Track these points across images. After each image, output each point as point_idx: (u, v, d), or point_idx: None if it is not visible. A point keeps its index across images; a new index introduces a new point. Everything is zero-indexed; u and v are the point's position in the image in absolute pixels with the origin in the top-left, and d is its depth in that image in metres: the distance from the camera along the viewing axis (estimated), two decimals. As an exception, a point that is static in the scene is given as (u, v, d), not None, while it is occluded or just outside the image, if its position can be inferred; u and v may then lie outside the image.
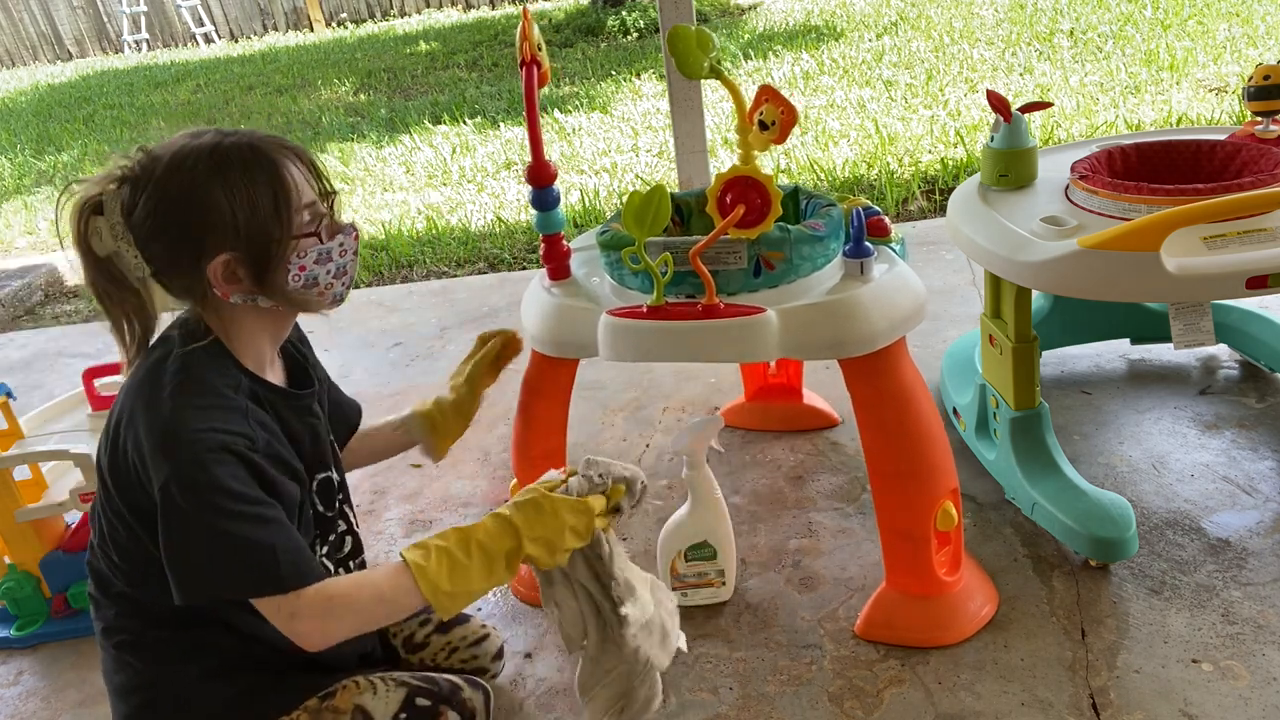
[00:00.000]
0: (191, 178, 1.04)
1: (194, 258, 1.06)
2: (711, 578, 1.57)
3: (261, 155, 1.07)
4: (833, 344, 1.34)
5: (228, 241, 1.05)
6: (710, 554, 1.55)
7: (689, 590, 1.57)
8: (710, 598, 1.58)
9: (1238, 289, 1.31)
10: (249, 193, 1.05)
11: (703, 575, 1.57)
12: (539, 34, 1.45)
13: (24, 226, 4.91)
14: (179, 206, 1.04)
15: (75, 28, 11.24)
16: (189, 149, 1.06)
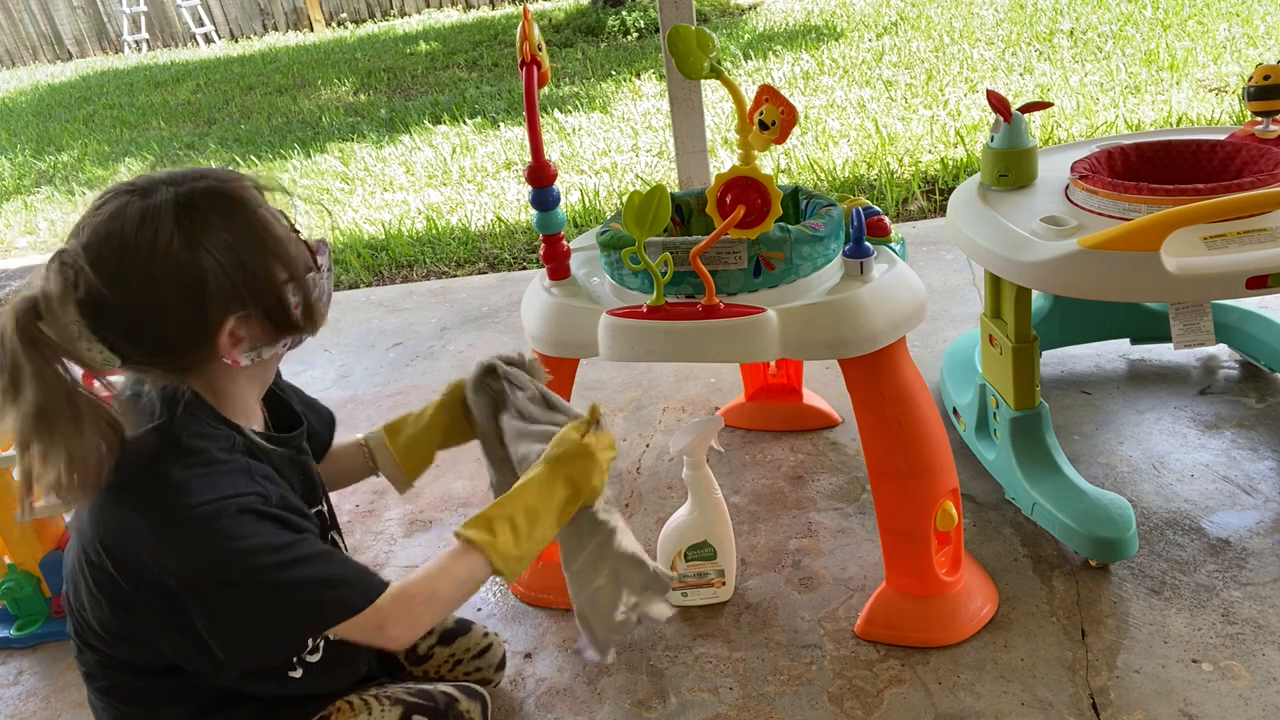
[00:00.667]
0: (169, 251, 0.92)
1: (197, 333, 0.96)
2: (711, 578, 1.57)
3: (231, 199, 0.97)
4: (833, 344, 1.34)
5: (229, 306, 0.96)
6: (710, 554, 1.55)
7: (689, 590, 1.57)
8: (710, 598, 1.58)
9: (1238, 289, 1.31)
10: (236, 246, 0.95)
11: (703, 575, 1.56)
12: (539, 34, 1.45)
13: (24, 226, 4.91)
14: (168, 285, 0.92)
15: (75, 28, 11.25)
16: (149, 216, 0.92)
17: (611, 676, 1.47)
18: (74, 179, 5.68)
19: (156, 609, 0.97)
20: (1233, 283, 1.31)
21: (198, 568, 0.94)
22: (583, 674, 1.48)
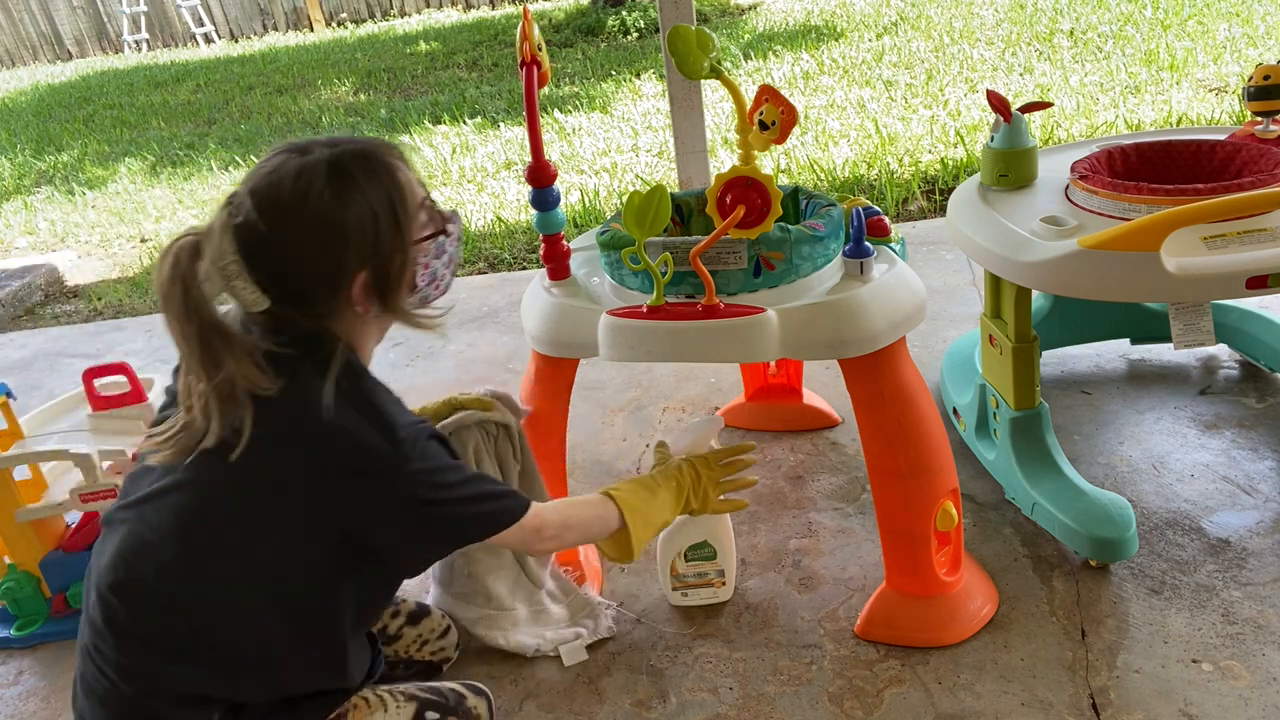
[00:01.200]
0: (321, 203, 1.02)
1: (334, 282, 1.05)
2: (712, 578, 1.57)
3: (378, 163, 1.07)
4: (833, 344, 1.34)
5: (365, 258, 1.05)
6: (710, 554, 1.55)
7: (689, 590, 1.57)
8: (710, 598, 1.58)
9: (1238, 289, 1.31)
10: (374, 206, 1.05)
11: (703, 575, 1.56)
12: (539, 34, 1.45)
13: (24, 226, 4.91)
14: (316, 234, 1.03)
15: (75, 28, 11.24)
16: (305, 172, 1.03)
17: (611, 676, 1.47)
18: (74, 179, 5.68)
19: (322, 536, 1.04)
20: (1233, 283, 1.31)
21: (400, 487, 1.04)
22: (583, 674, 1.48)
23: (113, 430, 1.76)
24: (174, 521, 1.04)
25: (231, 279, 1.01)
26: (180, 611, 1.04)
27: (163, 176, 5.46)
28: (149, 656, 1.05)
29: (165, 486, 1.06)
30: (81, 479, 1.63)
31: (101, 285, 3.87)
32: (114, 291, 3.75)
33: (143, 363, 2.96)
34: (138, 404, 1.77)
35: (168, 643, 1.05)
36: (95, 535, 1.72)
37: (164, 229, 4.51)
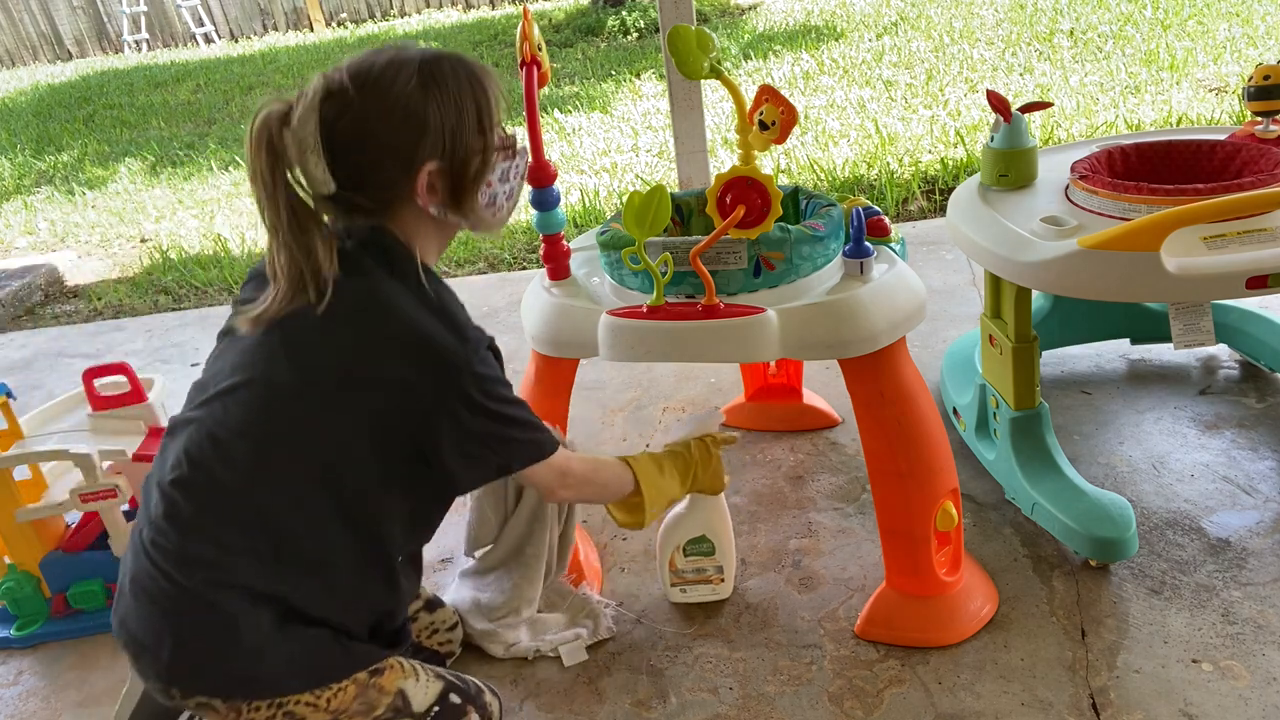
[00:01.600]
0: (406, 88, 1.06)
1: (403, 166, 1.08)
2: (710, 574, 1.56)
3: (469, 69, 1.11)
4: (833, 344, 1.34)
5: (437, 151, 1.08)
6: (709, 549, 1.54)
7: (687, 586, 1.57)
8: (709, 594, 1.58)
9: (1238, 289, 1.31)
10: (460, 105, 1.09)
11: (701, 571, 1.56)
12: (539, 34, 1.45)
13: (24, 226, 4.91)
14: (394, 115, 1.06)
15: (75, 28, 11.24)
16: (398, 61, 1.08)
17: (611, 676, 1.47)
18: (74, 179, 5.68)
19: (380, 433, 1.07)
20: (1233, 283, 1.31)
21: (463, 386, 1.07)
22: (583, 674, 1.48)
23: (113, 430, 1.76)
24: (243, 417, 1.08)
25: (306, 151, 1.04)
26: (245, 506, 1.07)
27: (163, 176, 5.46)
28: (211, 548, 1.06)
29: (235, 384, 1.09)
30: (81, 479, 1.63)
31: (101, 285, 3.87)
32: (114, 291, 3.75)
33: (143, 363, 2.96)
34: (138, 404, 1.78)
35: (231, 536, 1.07)
36: (95, 535, 1.73)
37: (164, 229, 4.51)
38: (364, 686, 1.15)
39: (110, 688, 1.59)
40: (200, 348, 3.02)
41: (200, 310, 3.42)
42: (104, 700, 1.57)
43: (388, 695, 1.16)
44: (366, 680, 1.15)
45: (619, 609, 1.60)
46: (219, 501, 1.07)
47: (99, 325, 3.41)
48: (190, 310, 3.44)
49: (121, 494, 1.63)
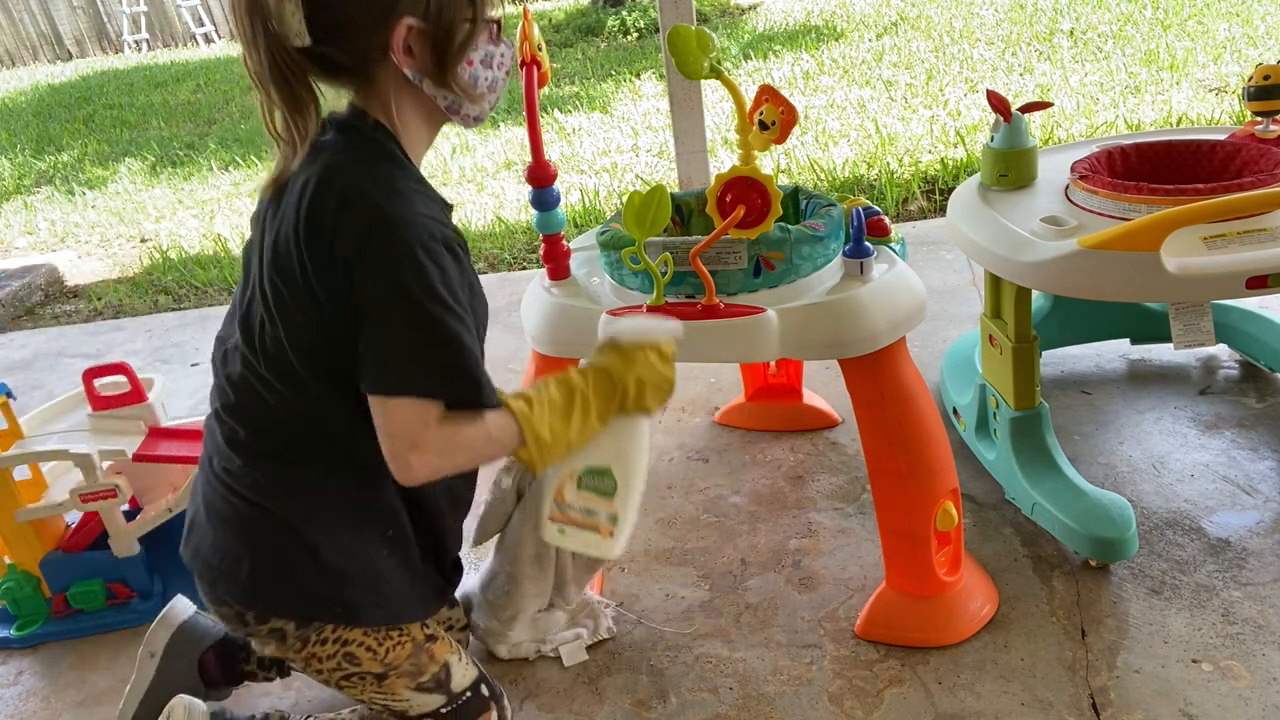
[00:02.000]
0: None
1: (379, 16, 1.03)
2: (600, 521, 1.25)
3: None
4: (833, 344, 1.34)
5: (418, 8, 1.03)
6: (609, 488, 1.25)
7: (568, 528, 1.26)
8: (589, 547, 1.26)
9: (1238, 289, 1.31)
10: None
11: (590, 514, 1.25)
12: (539, 34, 1.45)
13: (24, 226, 4.91)
14: None
15: (75, 28, 11.24)
16: None
17: (611, 676, 1.47)
18: (74, 179, 5.68)
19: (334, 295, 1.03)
20: (1233, 283, 1.31)
21: (386, 267, 1.00)
22: (583, 674, 1.48)
23: (113, 430, 1.76)
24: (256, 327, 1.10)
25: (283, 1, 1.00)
26: (292, 419, 1.10)
27: (163, 176, 5.46)
28: (275, 465, 1.11)
29: (243, 291, 1.13)
30: (81, 479, 1.63)
31: (101, 285, 3.87)
32: (114, 291, 3.75)
33: (143, 363, 2.96)
34: (138, 404, 1.78)
35: (288, 450, 1.11)
36: (95, 535, 1.73)
37: (164, 229, 4.51)
38: (419, 647, 1.20)
39: (110, 687, 1.59)
40: (200, 348, 3.02)
41: (200, 310, 3.42)
42: (104, 700, 1.57)
43: (435, 664, 1.22)
44: (422, 640, 1.20)
45: (619, 609, 1.60)
46: (267, 418, 1.10)
47: (99, 325, 3.41)
48: (190, 310, 3.44)
49: (121, 494, 1.63)
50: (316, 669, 1.18)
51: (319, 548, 1.11)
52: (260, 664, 1.44)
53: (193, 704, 1.31)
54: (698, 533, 1.77)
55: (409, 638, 1.20)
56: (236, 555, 1.12)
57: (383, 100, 1.08)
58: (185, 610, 1.44)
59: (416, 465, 1.03)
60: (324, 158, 1.06)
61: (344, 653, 1.16)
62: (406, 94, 1.09)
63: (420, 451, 1.02)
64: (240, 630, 1.16)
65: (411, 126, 1.11)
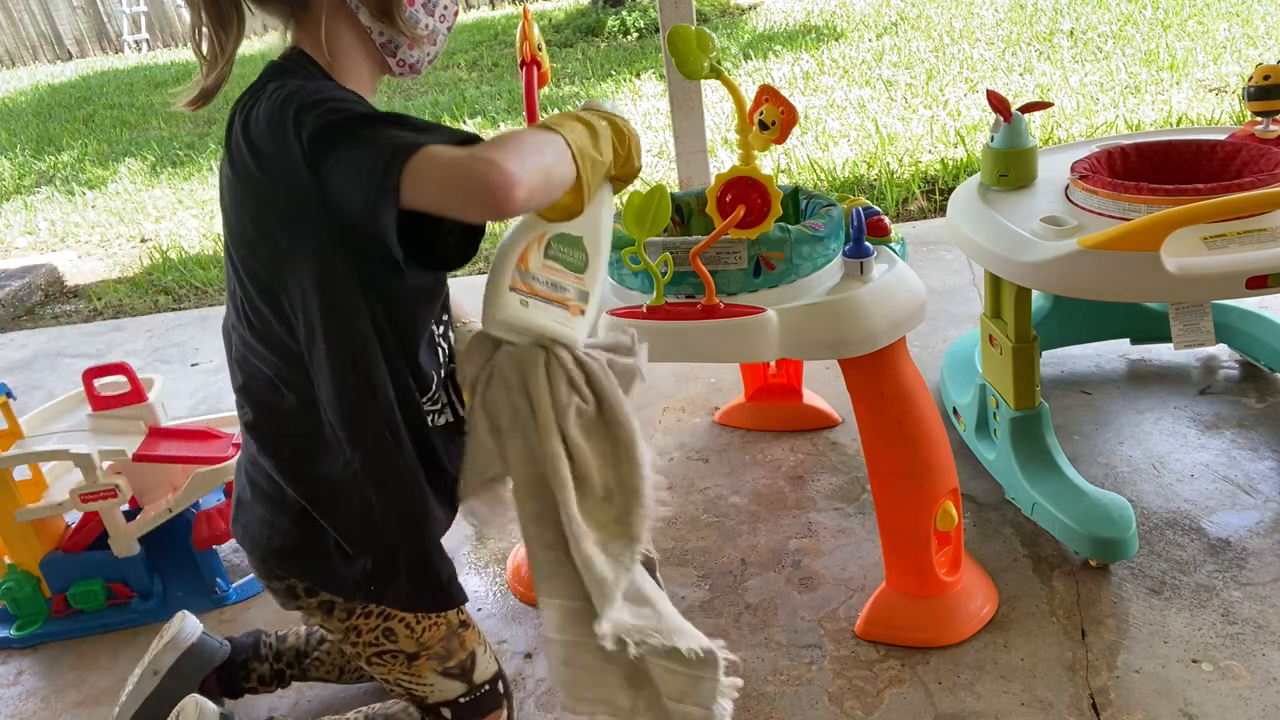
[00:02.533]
0: None
1: None
2: (567, 295, 1.12)
3: None
4: (833, 344, 1.34)
5: None
6: (578, 262, 1.13)
7: (531, 299, 1.10)
8: (554, 321, 1.11)
9: (1238, 289, 1.31)
10: None
11: (557, 288, 1.12)
12: (539, 34, 1.45)
13: (24, 226, 4.91)
14: None
15: (75, 28, 11.24)
16: None
17: (611, 676, 1.47)
18: (74, 179, 5.68)
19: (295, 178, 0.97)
20: (1233, 283, 1.31)
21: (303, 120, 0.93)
22: (583, 674, 1.48)
23: (113, 430, 1.76)
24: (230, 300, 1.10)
25: None
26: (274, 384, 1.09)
27: (163, 176, 5.46)
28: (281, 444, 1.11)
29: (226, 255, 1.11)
30: (81, 479, 1.63)
31: (101, 285, 3.87)
32: (114, 291, 3.75)
33: (143, 363, 2.96)
34: (138, 404, 1.78)
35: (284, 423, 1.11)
36: (95, 535, 1.73)
37: (164, 229, 4.51)
38: (453, 630, 1.22)
39: (110, 687, 1.59)
40: (200, 347, 3.02)
41: (200, 310, 3.42)
42: (104, 700, 1.57)
43: (464, 651, 1.24)
44: (455, 625, 1.23)
45: None
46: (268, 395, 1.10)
47: (99, 325, 3.41)
48: (190, 310, 3.44)
49: (121, 494, 1.63)
50: (353, 641, 1.20)
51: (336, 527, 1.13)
52: (261, 680, 1.44)
53: (204, 704, 1.32)
54: (698, 533, 1.77)
55: (444, 620, 1.22)
56: (280, 530, 1.14)
57: (317, 32, 1.05)
58: (193, 632, 1.43)
59: (499, 162, 0.87)
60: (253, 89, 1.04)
61: (384, 628, 1.19)
62: (343, 25, 1.06)
63: (488, 159, 0.87)
64: (291, 604, 1.19)
65: (348, 66, 1.07)
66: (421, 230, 0.99)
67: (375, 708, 1.31)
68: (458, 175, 0.88)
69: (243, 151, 1.00)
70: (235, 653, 1.44)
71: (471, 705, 1.26)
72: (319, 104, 0.95)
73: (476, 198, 0.88)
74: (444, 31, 1.12)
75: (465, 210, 0.90)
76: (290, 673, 1.45)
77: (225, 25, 1.06)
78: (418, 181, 0.88)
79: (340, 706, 1.46)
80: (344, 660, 1.44)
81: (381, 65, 1.11)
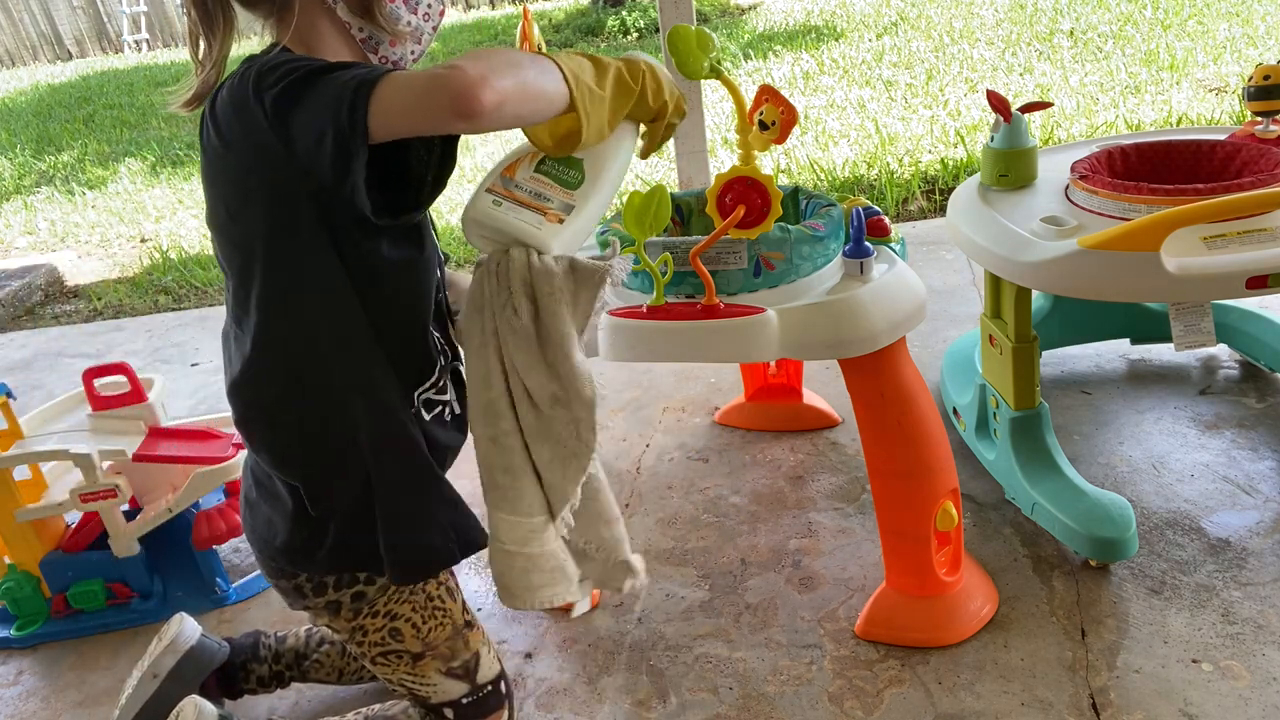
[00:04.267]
0: None
1: None
2: (550, 205, 1.05)
3: None
4: (833, 344, 1.34)
5: None
6: (573, 180, 1.07)
7: (506, 202, 1.04)
8: (527, 227, 1.04)
9: (1238, 289, 1.31)
10: None
11: (541, 197, 1.05)
12: (539, 34, 1.45)
13: (24, 226, 4.91)
14: None
15: (75, 28, 11.24)
16: None
17: (611, 676, 1.47)
18: (74, 179, 5.67)
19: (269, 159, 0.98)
20: (1233, 283, 1.31)
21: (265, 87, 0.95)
22: (583, 674, 1.48)
23: (113, 430, 1.76)
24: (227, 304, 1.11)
25: None
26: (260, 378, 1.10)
27: (163, 176, 5.45)
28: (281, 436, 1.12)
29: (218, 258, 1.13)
30: (81, 479, 1.63)
31: (101, 285, 3.87)
32: (114, 291, 3.75)
33: (143, 363, 2.96)
34: (138, 404, 1.78)
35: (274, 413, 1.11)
36: (95, 535, 1.73)
37: (164, 229, 4.51)
38: (458, 630, 1.24)
39: (110, 687, 1.59)
40: (200, 347, 3.02)
41: (200, 310, 3.42)
42: (104, 700, 1.57)
43: (468, 651, 1.25)
44: (460, 625, 1.24)
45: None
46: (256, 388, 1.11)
47: (99, 325, 3.41)
48: (190, 310, 3.44)
49: (121, 494, 1.63)
50: (359, 640, 1.20)
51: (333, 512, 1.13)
52: (260, 682, 1.44)
53: (203, 705, 1.32)
54: (698, 533, 1.77)
55: (449, 620, 1.23)
56: (283, 526, 1.15)
57: (298, 29, 1.06)
58: (192, 634, 1.43)
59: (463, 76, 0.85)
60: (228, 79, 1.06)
61: (390, 627, 1.19)
62: (322, 20, 1.06)
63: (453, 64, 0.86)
64: (299, 603, 1.19)
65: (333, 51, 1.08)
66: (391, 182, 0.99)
67: (375, 709, 1.31)
68: (422, 87, 0.87)
69: (210, 134, 1.02)
70: (234, 654, 1.44)
71: (474, 706, 1.26)
72: (276, 67, 0.95)
73: (444, 102, 0.86)
74: (429, 30, 1.12)
75: (435, 121, 0.88)
76: (290, 674, 1.45)
77: (212, 27, 1.07)
78: (385, 105, 0.88)
79: (340, 708, 1.46)
80: (344, 662, 1.44)
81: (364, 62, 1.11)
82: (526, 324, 1.02)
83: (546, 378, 1.03)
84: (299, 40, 1.06)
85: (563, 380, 1.02)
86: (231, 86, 0.99)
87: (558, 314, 1.01)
